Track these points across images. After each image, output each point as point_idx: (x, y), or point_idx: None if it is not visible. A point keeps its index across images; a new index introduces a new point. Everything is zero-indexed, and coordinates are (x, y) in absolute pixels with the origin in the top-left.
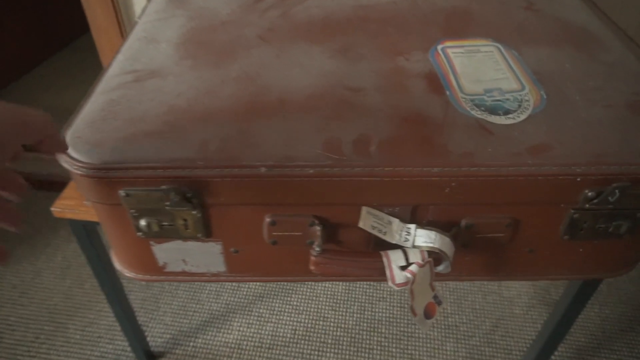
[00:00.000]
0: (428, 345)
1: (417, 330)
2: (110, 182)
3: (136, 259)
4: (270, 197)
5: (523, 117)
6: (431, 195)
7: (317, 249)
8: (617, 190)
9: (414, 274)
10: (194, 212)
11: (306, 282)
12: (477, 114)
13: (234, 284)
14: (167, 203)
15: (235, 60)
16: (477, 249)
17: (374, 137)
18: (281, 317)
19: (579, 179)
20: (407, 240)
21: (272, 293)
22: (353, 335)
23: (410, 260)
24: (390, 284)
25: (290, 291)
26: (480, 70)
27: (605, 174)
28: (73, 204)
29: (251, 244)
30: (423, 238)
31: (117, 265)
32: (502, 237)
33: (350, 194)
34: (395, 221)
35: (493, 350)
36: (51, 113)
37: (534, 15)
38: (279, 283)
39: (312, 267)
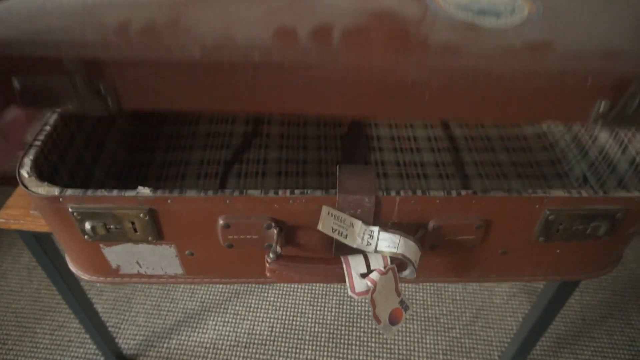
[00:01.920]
0: (407, 339)
1: (404, 325)
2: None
3: (89, 262)
4: (202, 97)
5: (517, 21)
6: (406, 104)
7: (272, 255)
8: (637, 96)
9: (374, 283)
10: (141, 215)
11: None
12: (464, 15)
13: None
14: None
15: None
16: (447, 251)
17: (337, 27)
18: (258, 314)
19: (589, 82)
20: (369, 244)
21: (249, 290)
22: (332, 330)
23: (372, 267)
24: (350, 293)
25: (267, 287)
26: None
27: (619, 74)
28: (18, 214)
29: (206, 247)
30: (386, 242)
31: (73, 268)
32: (472, 239)
33: (302, 95)
34: (358, 223)
35: (473, 342)
36: None
37: None
38: None
39: (267, 274)
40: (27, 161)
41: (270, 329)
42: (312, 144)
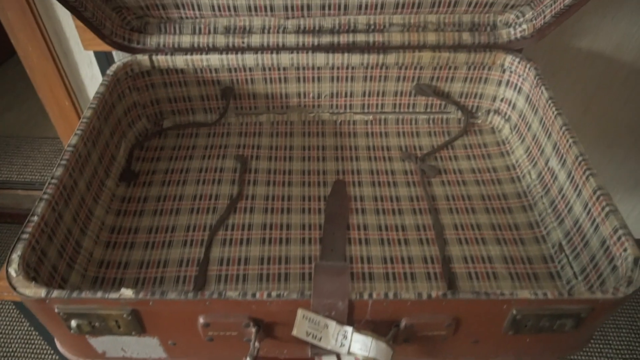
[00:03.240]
0: None
1: None
2: None
3: (76, 347)
4: None
5: None
6: None
7: (248, 358)
8: None
9: None
10: (125, 315)
11: None
12: None
13: None
14: None
15: None
16: (420, 343)
17: None
18: None
19: None
20: (343, 345)
21: None
22: None
23: None
24: None
25: None
26: None
27: None
28: (7, 285)
29: (188, 339)
30: (359, 344)
31: (61, 349)
32: (444, 334)
33: None
34: (332, 324)
35: None
36: None
37: None
38: None
39: None
40: (15, 258)
41: None
42: (296, 206)
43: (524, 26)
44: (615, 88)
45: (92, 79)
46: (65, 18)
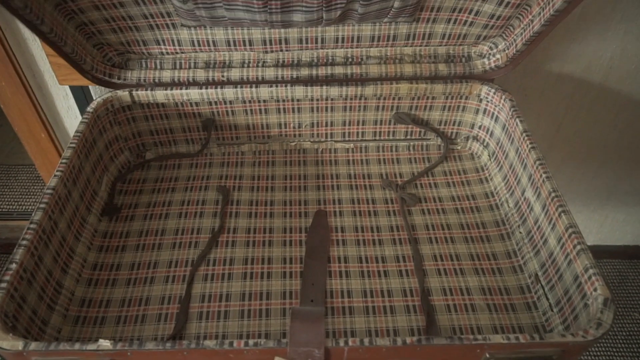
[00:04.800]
0: None
1: None
2: None
3: None
4: None
5: None
6: None
7: None
8: None
9: None
10: None
11: None
12: None
13: None
14: None
15: None
16: None
17: None
18: None
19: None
20: None
21: None
22: None
23: None
24: None
25: None
26: None
27: None
28: None
29: None
30: None
31: None
32: None
33: None
34: None
35: None
36: None
37: None
38: None
39: None
40: None
41: None
42: (278, 238)
43: (498, 56)
44: (585, 108)
45: (68, 110)
46: (39, 52)
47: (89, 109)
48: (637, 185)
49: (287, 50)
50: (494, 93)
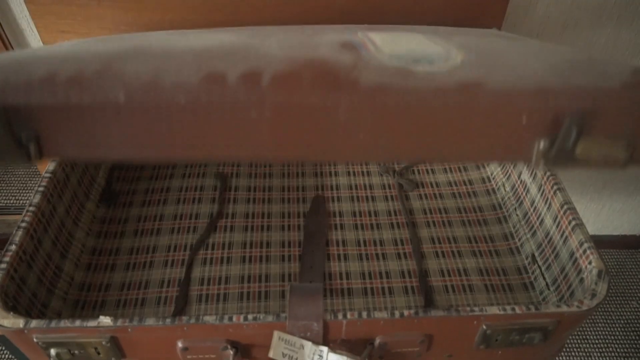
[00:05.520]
0: None
1: None
2: None
3: None
4: (132, 145)
5: (450, 65)
6: (341, 144)
7: None
8: (573, 127)
9: None
10: (103, 342)
11: None
12: (397, 62)
13: None
14: None
15: None
16: (395, 358)
17: (267, 71)
18: None
19: (524, 120)
20: None
21: None
22: None
23: None
24: None
25: None
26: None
27: (552, 111)
28: None
29: None
30: None
31: None
32: (418, 350)
33: (235, 135)
34: (308, 344)
35: None
36: None
37: None
38: None
39: None
40: None
41: None
42: (276, 223)
43: None
44: None
45: None
46: (37, 44)
47: None
48: (633, 174)
49: None
50: None
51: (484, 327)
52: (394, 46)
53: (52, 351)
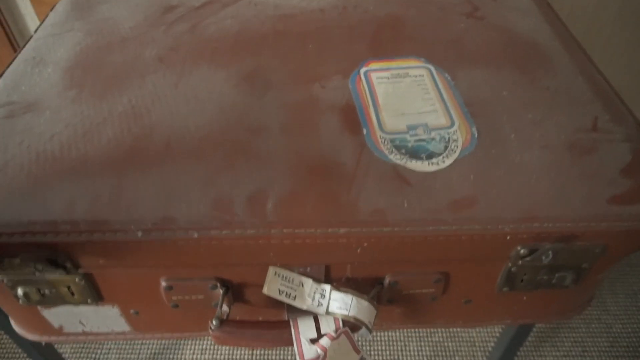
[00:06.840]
0: (391, 347)
1: (387, 333)
2: None
3: (30, 323)
4: (152, 261)
5: (448, 162)
6: (341, 256)
7: (215, 322)
8: (550, 252)
9: (324, 349)
10: (77, 280)
11: None
12: (396, 158)
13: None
14: (35, 271)
15: (126, 90)
16: (407, 303)
17: (271, 193)
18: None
19: (508, 238)
20: (320, 304)
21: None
22: None
23: (323, 331)
24: (298, 359)
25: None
26: (406, 101)
27: (536, 232)
28: None
29: (151, 306)
30: (338, 303)
31: (16, 328)
32: (432, 292)
33: (245, 258)
34: (308, 282)
35: (456, 345)
36: None
37: (476, 26)
38: None
39: (213, 340)
40: None
41: (250, 354)
42: None
43: None
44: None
45: None
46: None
47: None
48: None
49: None
50: None
51: (509, 263)
52: (397, 113)
53: (19, 290)
